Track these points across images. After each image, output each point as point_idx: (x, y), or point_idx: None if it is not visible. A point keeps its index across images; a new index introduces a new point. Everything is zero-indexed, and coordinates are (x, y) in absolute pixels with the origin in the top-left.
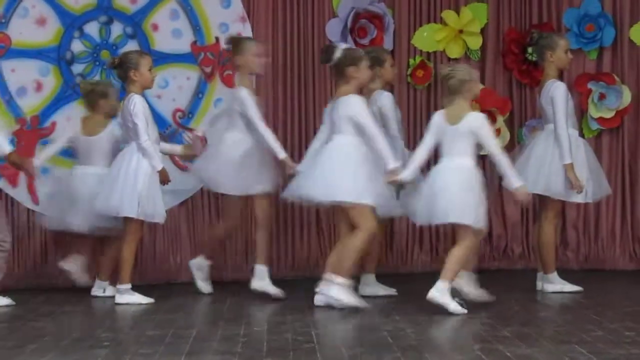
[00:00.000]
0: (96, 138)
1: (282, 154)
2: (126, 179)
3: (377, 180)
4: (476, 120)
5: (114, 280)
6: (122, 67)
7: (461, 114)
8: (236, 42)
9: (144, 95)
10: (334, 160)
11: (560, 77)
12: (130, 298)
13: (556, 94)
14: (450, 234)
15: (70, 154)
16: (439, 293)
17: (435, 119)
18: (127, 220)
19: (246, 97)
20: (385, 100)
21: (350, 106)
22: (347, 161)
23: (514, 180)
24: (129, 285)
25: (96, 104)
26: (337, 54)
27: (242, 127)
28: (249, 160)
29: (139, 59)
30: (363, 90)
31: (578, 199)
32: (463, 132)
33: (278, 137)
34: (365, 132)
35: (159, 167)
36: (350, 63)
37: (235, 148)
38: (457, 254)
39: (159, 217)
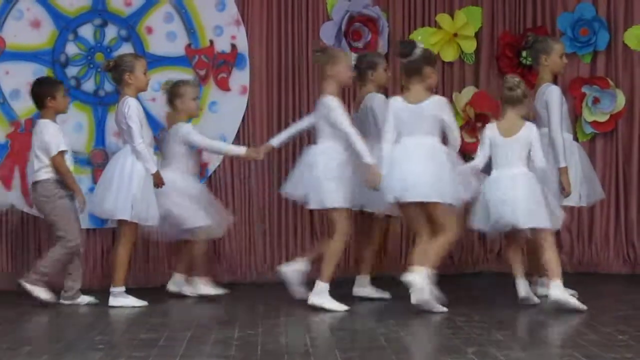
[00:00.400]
0: None
1: (371, 160)
2: (120, 182)
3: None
4: (532, 131)
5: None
6: (117, 70)
7: (516, 126)
8: (330, 52)
9: (138, 99)
10: (434, 162)
11: (555, 81)
12: (124, 301)
13: (550, 98)
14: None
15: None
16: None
17: (487, 132)
18: (121, 223)
19: (335, 105)
20: (377, 102)
21: (442, 107)
22: (440, 161)
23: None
24: (122, 288)
25: (172, 104)
26: (418, 51)
27: (329, 135)
28: (344, 172)
29: (134, 62)
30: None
31: (571, 202)
32: (521, 144)
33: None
34: (448, 132)
35: (153, 170)
36: (429, 63)
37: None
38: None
39: (153, 220)
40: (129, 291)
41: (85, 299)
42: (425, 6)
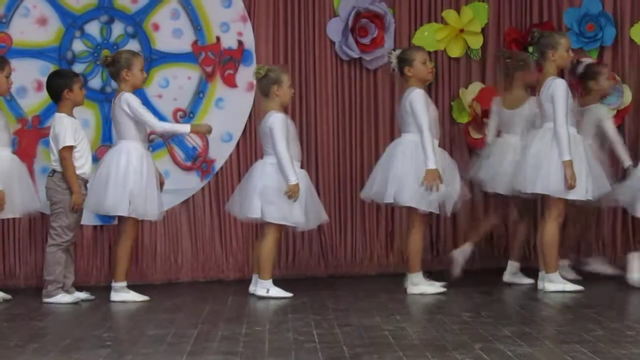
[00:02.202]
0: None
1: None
2: (116, 179)
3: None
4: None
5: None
6: (115, 66)
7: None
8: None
9: (141, 95)
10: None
11: (561, 76)
12: (125, 296)
13: (556, 92)
14: (450, 233)
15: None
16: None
17: None
18: (120, 218)
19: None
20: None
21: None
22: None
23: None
24: (124, 283)
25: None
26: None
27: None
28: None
29: (131, 59)
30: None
31: (578, 196)
32: None
33: None
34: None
35: (187, 130)
36: (592, 77)
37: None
38: None
39: (152, 215)
40: (135, 287)
41: (80, 295)
42: (431, 2)
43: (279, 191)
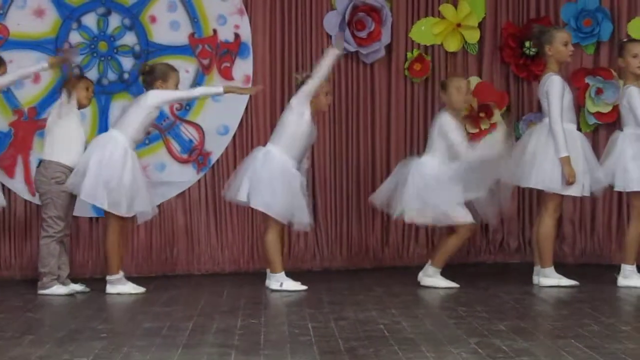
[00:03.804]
0: None
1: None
2: (97, 166)
3: None
4: None
5: None
6: (151, 76)
7: None
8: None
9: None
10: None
11: (566, 70)
12: (121, 288)
13: (551, 88)
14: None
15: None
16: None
17: None
18: (106, 212)
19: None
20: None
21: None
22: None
23: None
24: (119, 275)
25: None
26: None
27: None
28: None
29: (169, 73)
30: None
31: (574, 192)
32: None
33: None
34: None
35: (221, 90)
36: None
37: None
38: None
39: (141, 213)
40: (130, 280)
41: (76, 287)
42: None
43: (266, 179)
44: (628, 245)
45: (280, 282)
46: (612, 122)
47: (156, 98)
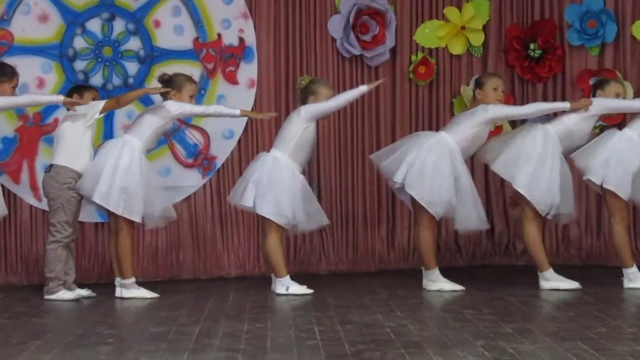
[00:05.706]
0: None
1: None
2: (111, 173)
3: None
4: None
5: None
6: (168, 85)
7: None
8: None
9: None
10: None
11: (563, 75)
12: (136, 292)
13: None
14: (452, 232)
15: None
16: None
17: None
18: (115, 216)
19: None
20: None
21: None
22: None
23: None
24: (132, 279)
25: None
26: None
27: None
28: None
29: (185, 84)
30: None
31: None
32: None
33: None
34: None
35: (237, 113)
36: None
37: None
38: None
39: (139, 215)
40: (136, 284)
41: (82, 292)
42: None
43: (274, 186)
44: (620, 250)
45: (287, 287)
46: (617, 124)
47: (175, 112)
